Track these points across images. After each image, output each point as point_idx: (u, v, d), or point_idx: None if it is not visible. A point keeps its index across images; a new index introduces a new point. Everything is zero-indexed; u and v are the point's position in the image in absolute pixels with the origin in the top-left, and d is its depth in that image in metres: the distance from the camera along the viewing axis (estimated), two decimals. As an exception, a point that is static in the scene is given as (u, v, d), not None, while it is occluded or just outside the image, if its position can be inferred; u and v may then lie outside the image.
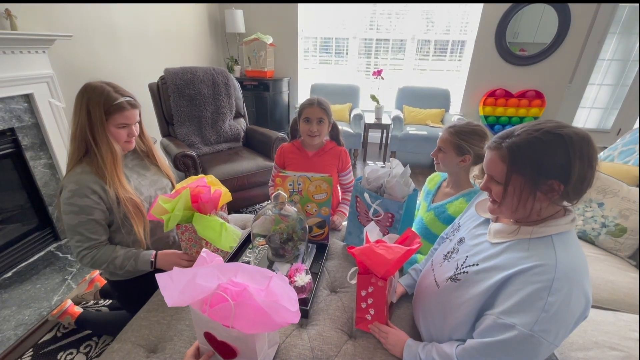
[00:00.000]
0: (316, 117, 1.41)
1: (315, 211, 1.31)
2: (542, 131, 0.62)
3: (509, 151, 0.65)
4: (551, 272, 0.61)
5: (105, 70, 2.35)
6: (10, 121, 1.72)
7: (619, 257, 1.42)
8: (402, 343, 0.85)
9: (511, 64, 3.71)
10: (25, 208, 1.95)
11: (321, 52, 4.21)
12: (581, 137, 0.60)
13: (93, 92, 1.00)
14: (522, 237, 0.68)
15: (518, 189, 0.65)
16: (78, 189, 0.99)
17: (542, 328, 0.59)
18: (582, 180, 0.61)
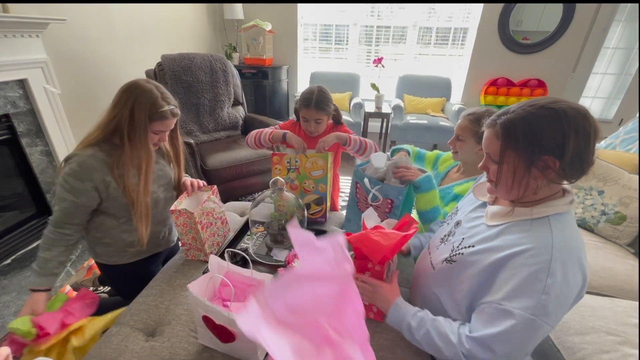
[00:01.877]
0: (313, 118, 1.36)
1: (313, 188, 1.32)
2: (536, 106, 0.61)
3: (502, 128, 0.63)
4: (548, 253, 0.60)
5: (100, 56, 2.30)
6: (4, 107, 1.69)
7: (618, 244, 1.43)
8: (392, 300, 0.79)
9: (514, 52, 3.66)
10: (23, 196, 1.93)
11: (321, 40, 4.14)
12: (577, 111, 0.58)
13: (142, 95, 0.99)
14: (519, 219, 0.67)
15: (512, 166, 0.63)
16: (79, 171, 0.98)
17: (543, 311, 0.58)
18: (579, 156, 0.59)
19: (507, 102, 3.72)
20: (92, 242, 1.16)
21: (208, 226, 1.14)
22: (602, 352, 0.89)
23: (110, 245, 1.14)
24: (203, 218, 1.10)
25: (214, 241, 1.18)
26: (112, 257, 1.17)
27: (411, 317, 0.74)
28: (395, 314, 0.77)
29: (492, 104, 3.76)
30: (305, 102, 1.34)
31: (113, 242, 1.14)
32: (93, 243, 1.16)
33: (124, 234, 1.14)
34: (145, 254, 1.21)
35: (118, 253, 1.16)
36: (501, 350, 0.61)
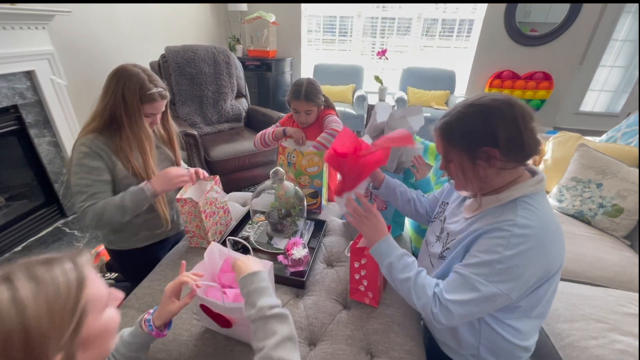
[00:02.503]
0: (303, 109, 1.42)
1: (308, 183, 1.37)
2: (465, 105, 0.67)
3: (441, 130, 0.70)
4: (510, 229, 0.64)
5: (105, 48, 2.33)
6: (13, 98, 1.73)
7: (614, 237, 1.44)
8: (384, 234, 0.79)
9: (520, 45, 3.61)
10: (32, 185, 1.99)
11: (325, 32, 4.12)
12: (500, 102, 0.64)
13: (130, 79, 1.01)
14: (490, 207, 0.71)
15: (459, 163, 0.69)
16: (89, 151, 1.02)
17: (498, 279, 0.63)
18: (514, 141, 0.63)
19: (511, 95, 3.68)
20: (106, 232, 1.20)
21: (211, 215, 1.17)
22: (590, 338, 0.92)
23: (122, 231, 1.19)
24: (207, 207, 1.13)
25: (216, 229, 1.21)
26: (125, 242, 1.22)
27: (396, 258, 0.75)
28: (383, 246, 0.77)
29: (497, 97, 3.73)
30: (295, 94, 1.40)
31: (125, 227, 1.18)
32: (106, 232, 1.20)
33: (135, 218, 1.16)
34: (154, 238, 1.26)
35: (129, 238, 1.21)
36: (457, 312, 0.66)
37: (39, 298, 0.35)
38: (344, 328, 0.90)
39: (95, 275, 0.43)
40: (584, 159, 1.53)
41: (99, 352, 0.42)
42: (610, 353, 0.88)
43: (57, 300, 0.36)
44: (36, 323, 0.34)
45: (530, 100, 3.67)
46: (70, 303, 0.37)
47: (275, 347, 0.54)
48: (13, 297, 0.34)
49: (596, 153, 1.51)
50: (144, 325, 0.66)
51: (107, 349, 0.44)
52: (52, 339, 0.35)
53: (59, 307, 0.36)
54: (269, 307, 0.60)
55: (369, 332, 0.90)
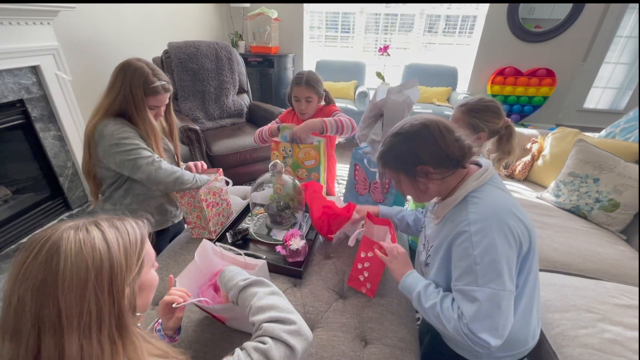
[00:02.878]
0: (304, 96, 1.43)
1: (306, 176, 1.38)
2: (392, 135, 0.76)
3: (380, 160, 0.80)
4: (467, 229, 0.69)
5: (109, 43, 2.36)
6: (19, 92, 1.77)
7: (610, 231, 1.45)
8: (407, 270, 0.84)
9: (523, 41, 3.59)
10: (38, 179, 2.03)
11: (327, 28, 4.12)
12: (416, 127, 0.73)
13: (134, 73, 1.06)
14: (447, 210, 0.77)
15: (404, 183, 0.77)
16: (121, 126, 1.06)
17: (485, 279, 0.65)
18: (438, 154, 0.71)
19: (514, 92, 3.67)
20: (119, 213, 1.22)
21: (214, 205, 1.20)
22: (580, 327, 0.94)
23: (137, 212, 1.22)
24: (209, 197, 1.16)
25: (218, 220, 1.24)
26: None
27: (422, 288, 0.78)
28: (408, 280, 0.82)
29: (499, 94, 3.72)
30: (297, 81, 1.42)
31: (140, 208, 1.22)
32: (121, 213, 1.23)
33: (150, 200, 1.23)
34: (164, 224, 1.31)
35: None
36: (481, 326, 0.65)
37: (119, 241, 0.46)
38: (339, 316, 0.92)
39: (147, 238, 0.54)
40: (581, 154, 1.54)
41: (144, 301, 0.52)
42: (600, 342, 0.90)
43: (130, 246, 0.47)
44: (118, 259, 0.45)
45: (533, 97, 3.65)
46: (137, 250, 0.48)
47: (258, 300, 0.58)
48: (103, 237, 0.45)
49: (594, 148, 1.52)
50: (155, 334, 0.69)
51: (148, 301, 0.54)
52: (126, 273, 0.45)
53: (131, 251, 0.47)
54: (242, 279, 0.64)
55: (364, 320, 0.92)
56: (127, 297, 0.45)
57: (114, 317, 0.43)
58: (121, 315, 0.44)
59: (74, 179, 2.14)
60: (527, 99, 3.68)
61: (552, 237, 1.36)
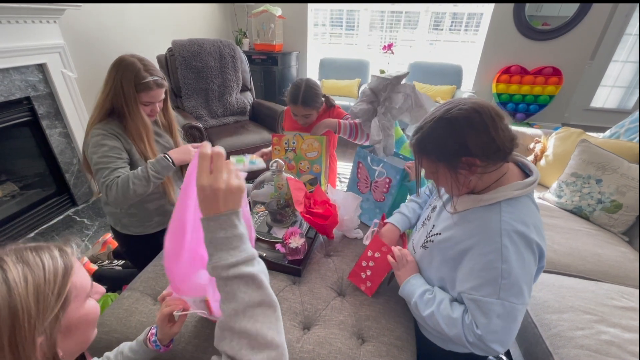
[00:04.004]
0: (301, 114, 1.42)
1: (308, 168, 1.40)
2: (435, 119, 0.67)
3: (417, 147, 0.71)
4: (497, 241, 0.64)
5: (114, 41, 2.38)
6: (26, 90, 1.79)
7: (612, 232, 1.44)
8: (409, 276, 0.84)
9: (529, 39, 3.55)
10: (44, 175, 2.06)
11: (332, 25, 4.10)
12: (466, 112, 0.64)
13: (125, 69, 1.06)
14: (473, 206, 0.71)
15: (442, 174, 0.70)
16: (106, 133, 1.07)
17: (508, 294, 0.63)
18: (488, 145, 0.63)
19: (519, 91, 3.64)
20: (119, 215, 1.25)
21: None
22: (577, 328, 0.94)
23: (136, 216, 1.25)
24: None
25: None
26: (138, 227, 1.27)
27: (418, 296, 0.78)
28: (407, 287, 0.82)
29: (504, 93, 3.69)
30: (293, 99, 1.39)
31: (138, 212, 1.24)
32: (120, 216, 1.25)
33: (148, 204, 1.23)
34: (165, 224, 1.30)
35: (143, 223, 1.27)
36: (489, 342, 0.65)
37: (27, 280, 0.37)
38: (337, 314, 0.94)
39: (80, 265, 0.45)
40: (584, 154, 1.53)
41: (78, 341, 0.44)
42: (596, 343, 0.90)
43: (43, 284, 0.38)
44: (23, 303, 0.36)
45: (539, 95, 3.61)
46: (56, 288, 0.39)
47: (236, 315, 0.45)
48: (4, 278, 0.36)
49: (597, 149, 1.50)
50: (150, 344, 0.67)
51: (86, 339, 0.46)
52: (37, 320, 0.37)
53: (45, 291, 0.38)
54: (227, 266, 0.46)
55: (361, 318, 0.93)
56: (41, 347, 0.37)
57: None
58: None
59: (80, 176, 2.18)
60: (532, 97, 3.64)
61: (552, 238, 1.36)
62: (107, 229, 2.01)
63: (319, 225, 1.11)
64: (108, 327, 0.90)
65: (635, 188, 1.36)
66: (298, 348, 0.84)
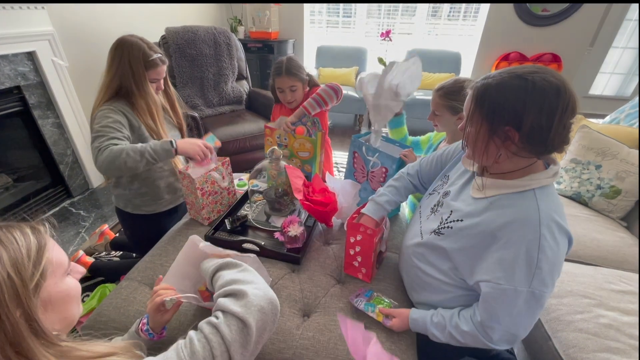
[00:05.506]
0: (287, 86, 1.40)
1: (299, 166, 1.37)
2: (513, 74, 0.60)
3: (476, 90, 0.64)
4: (536, 230, 0.61)
5: (105, 28, 2.31)
6: (15, 79, 1.75)
7: (611, 218, 1.44)
8: (407, 320, 0.82)
9: (529, 25, 3.50)
10: (39, 167, 2.03)
11: (329, 13, 4.02)
12: (549, 85, 0.57)
13: (131, 48, 1.08)
14: (505, 192, 0.67)
15: (476, 130, 0.65)
16: (114, 108, 1.09)
17: (540, 283, 0.61)
18: (539, 132, 0.58)
19: (518, 78, 3.60)
20: (130, 196, 1.27)
21: (212, 194, 1.20)
22: (576, 312, 0.94)
23: (147, 194, 1.27)
24: (206, 186, 1.16)
25: (214, 208, 1.24)
26: (151, 205, 1.30)
27: (430, 325, 0.77)
28: (415, 326, 0.81)
29: (503, 80, 3.65)
30: (277, 71, 1.39)
31: (150, 191, 1.27)
32: (131, 196, 1.27)
33: (159, 181, 1.27)
34: (175, 202, 1.37)
35: (155, 201, 1.30)
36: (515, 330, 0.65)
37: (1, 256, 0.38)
38: (336, 301, 0.93)
39: (54, 243, 0.46)
40: (584, 140, 1.52)
41: (62, 316, 0.45)
42: (595, 327, 0.91)
43: (20, 259, 0.39)
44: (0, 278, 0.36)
45: (537, 83, 3.58)
46: (31, 263, 0.40)
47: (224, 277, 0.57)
48: None
49: (597, 134, 1.49)
50: (142, 334, 0.67)
51: (70, 315, 0.47)
52: (11, 294, 0.37)
53: (21, 265, 0.39)
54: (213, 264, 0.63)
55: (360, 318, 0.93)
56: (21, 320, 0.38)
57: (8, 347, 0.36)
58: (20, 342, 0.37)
59: (74, 167, 2.15)
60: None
61: (551, 224, 1.36)
62: (104, 220, 1.99)
63: (319, 213, 1.10)
64: (107, 317, 0.90)
65: (634, 173, 1.36)
66: (298, 335, 0.84)
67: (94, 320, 0.90)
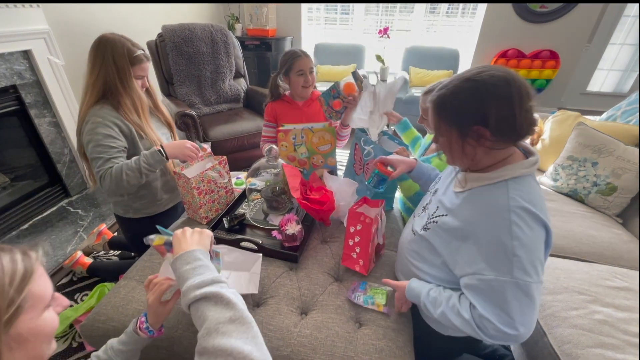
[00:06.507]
0: (308, 67, 1.41)
1: (322, 162, 1.34)
2: (462, 79, 0.64)
3: (434, 103, 0.68)
4: (505, 215, 0.62)
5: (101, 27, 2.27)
6: (11, 78, 1.74)
7: (607, 215, 1.45)
8: (404, 289, 0.83)
9: (527, 22, 3.49)
10: (36, 166, 2.03)
11: (326, 10, 4.00)
12: (497, 79, 0.60)
13: (115, 45, 1.07)
14: (480, 185, 0.69)
15: (449, 138, 0.68)
16: (101, 120, 1.07)
17: (522, 273, 0.61)
18: (506, 121, 0.61)
19: (516, 75, 3.60)
20: (129, 201, 1.26)
21: (208, 193, 1.20)
22: (571, 309, 0.95)
23: (146, 197, 1.27)
24: (202, 185, 1.16)
25: (212, 207, 1.24)
26: (151, 207, 1.30)
27: (425, 298, 0.77)
28: (411, 295, 0.81)
29: (501, 77, 3.65)
30: (296, 54, 1.39)
31: (148, 194, 1.26)
32: (130, 201, 1.26)
33: (154, 182, 1.26)
34: (174, 200, 1.37)
35: (154, 203, 1.30)
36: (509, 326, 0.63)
37: None
38: (334, 298, 0.94)
39: (43, 272, 0.42)
40: (581, 137, 1.52)
41: (30, 355, 0.39)
42: (590, 323, 0.91)
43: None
44: None
45: (536, 79, 3.59)
46: (10, 293, 0.36)
47: (208, 334, 0.44)
48: None
49: (593, 132, 1.50)
50: (142, 332, 0.67)
51: (39, 354, 0.41)
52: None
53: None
54: (195, 286, 0.50)
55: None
56: None
57: None
58: None
59: (72, 166, 2.14)
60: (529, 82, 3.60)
61: (548, 221, 1.36)
62: (102, 219, 1.99)
63: (316, 211, 1.11)
64: (105, 316, 0.90)
65: (631, 170, 1.37)
66: (296, 333, 0.84)
67: (93, 319, 0.91)
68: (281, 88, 1.51)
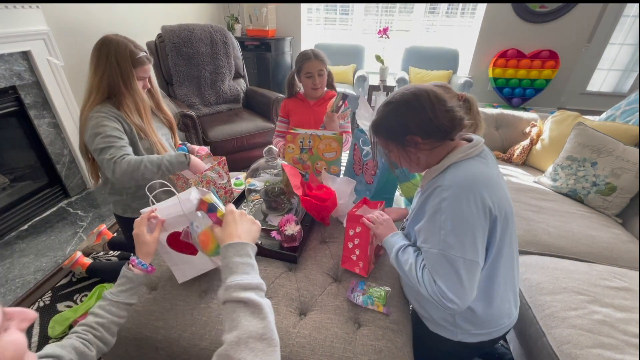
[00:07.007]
0: (317, 69, 1.44)
1: (325, 169, 1.34)
2: (384, 104, 0.76)
3: (372, 130, 0.80)
4: (439, 194, 0.70)
5: (101, 27, 2.30)
6: (11, 79, 1.74)
7: (606, 214, 1.45)
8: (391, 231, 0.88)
9: (526, 22, 3.50)
10: (35, 167, 2.03)
11: (326, 10, 4.01)
12: (406, 96, 0.72)
13: (117, 46, 1.07)
14: (429, 179, 0.78)
15: (395, 152, 0.78)
16: (107, 115, 1.07)
17: (446, 244, 0.68)
18: (428, 124, 0.71)
19: (516, 75, 3.60)
20: (127, 201, 1.26)
21: None
22: (570, 309, 0.95)
23: (144, 197, 1.25)
24: (201, 185, 1.16)
25: (212, 207, 1.24)
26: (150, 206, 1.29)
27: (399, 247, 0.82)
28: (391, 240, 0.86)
29: (501, 77, 3.66)
30: (306, 56, 1.43)
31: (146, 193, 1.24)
32: (129, 200, 1.26)
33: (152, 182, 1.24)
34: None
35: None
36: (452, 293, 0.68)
37: None
38: (333, 299, 0.94)
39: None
40: (580, 137, 1.52)
41: None
42: (589, 323, 0.91)
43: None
44: None
45: (535, 79, 3.59)
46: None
47: (237, 344, 0.44)
48: None
49: (593, 132, 1.50)
50: (136, 268, 0.70)
51: None
52: None
53: None
54: (241, 287, 0.50)
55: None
56: None
57: None
58: None
59: (71, 167, 2.14)
60: (529, 82, 3.61)
61: (546, 221, 1.36)
62: (102, 220, 1.99)
63: (318, 209, 1.10)
64: (103, 317, 0.90)
65: (630, 170, 1.37)
66: (294, 333, 0.84)
67: (91, 320, 0.90)
68: (296, 86, 1.57)
